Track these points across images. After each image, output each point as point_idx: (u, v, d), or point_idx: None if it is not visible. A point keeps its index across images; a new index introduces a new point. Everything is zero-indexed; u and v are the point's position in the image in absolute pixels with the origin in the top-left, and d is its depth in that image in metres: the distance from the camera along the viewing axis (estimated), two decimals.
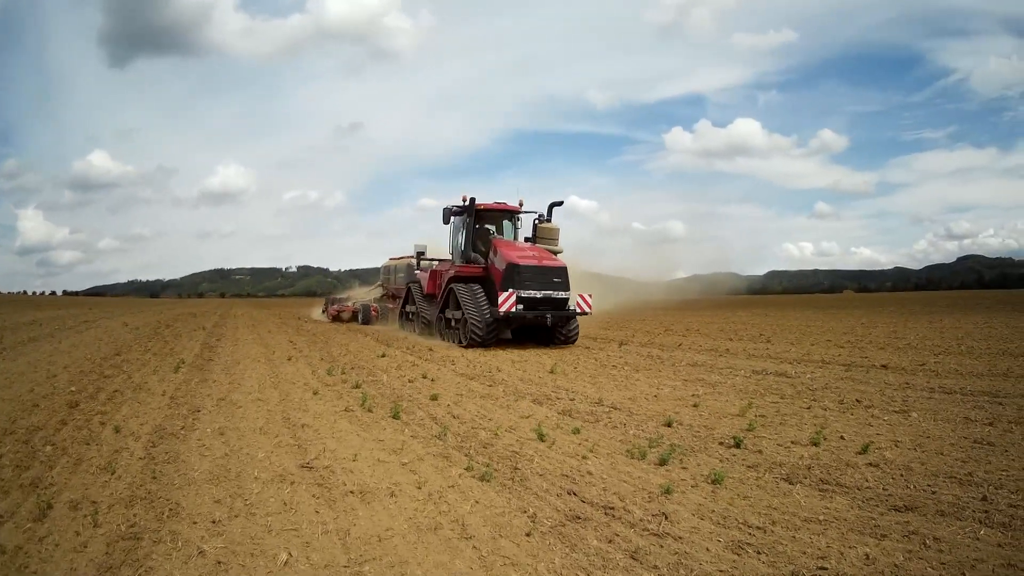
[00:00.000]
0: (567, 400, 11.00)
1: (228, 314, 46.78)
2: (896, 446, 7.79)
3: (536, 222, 24.34)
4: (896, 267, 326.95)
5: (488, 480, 6.50)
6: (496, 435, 8.44)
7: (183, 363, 15.59)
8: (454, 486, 6.34)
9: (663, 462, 7.09)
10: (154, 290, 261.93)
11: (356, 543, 4.94)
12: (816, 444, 7.84)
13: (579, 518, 5.45)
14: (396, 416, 9.53)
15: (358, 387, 12.14)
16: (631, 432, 8.67)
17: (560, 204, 24.98)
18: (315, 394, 11.48)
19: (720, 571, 4.56)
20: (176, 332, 27.04)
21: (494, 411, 10.19)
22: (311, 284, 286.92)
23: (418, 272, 26.62)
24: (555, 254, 22.87)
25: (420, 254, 26.50)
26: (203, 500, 5.91)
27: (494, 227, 24.28)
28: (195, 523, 5.33)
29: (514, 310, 19.88)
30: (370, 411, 9.99)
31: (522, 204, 24.17)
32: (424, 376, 13.78)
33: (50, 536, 5.12)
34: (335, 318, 36.16)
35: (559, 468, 6.95)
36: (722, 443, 8.00)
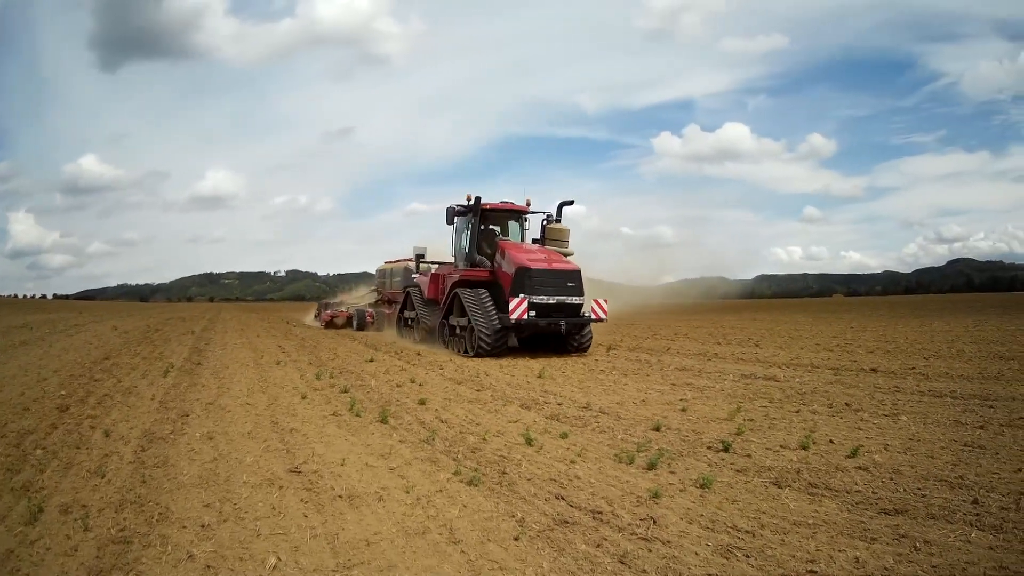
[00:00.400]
0: (555, 405, 11.00)
1: (217, 318, 46.65)
2: (886, 449, 7.77)
3: (544, 223, 22.76)
4: (886, 271, 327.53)
5: (476, 484, 6.49)
6: (484, 439, 8.44)
7: (172, 367, 15.61)
8: (442, 490, 6.34)
9: (651, 466, 7.08)
10: (144, 294, 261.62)
11: (344, 547, 4.95)
12: (805, 448, 7.83)
13: (567, 522, 5.46)
14: (384, 420, 9.53)
15: (346, 392, 12.14)
16: (619, 437, 8.67)
17: (571, 203, 23.74)
18: (303, 398, 11.48)
19: (709, 575, 4.57)
20: (165, 336, 27.04)
21: (482, 415, 10.18)
22: (300, 288, 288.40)
23: (417, 276, 25.44)
24: (566, 256, 21.35)
25: (419, 256, 25.05)
26: (192, 504, 5.90)
27: (499, 228, 22.55)
28: (184, 527, 5.34)
29: (526, 317, 18.41)
30: (358, 415, 9.98)
31: (529, 204, 22.60)
32: (412, 380, 13.77)
33: (41, 540, 5.13)
34: (328, 324, 34.52)
35: (547, 472, 6.94)
36: (710, 447, 7.99)
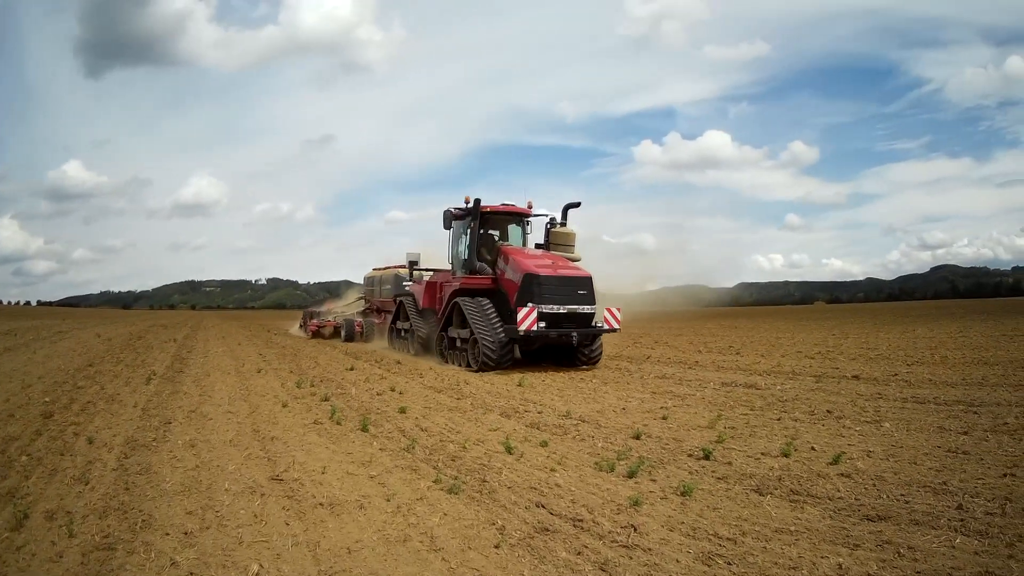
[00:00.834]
0: (535, 413, 11.00)
1: (199, 326, 46.93)
2: (868, 456, 7.77)
3: (548, 226, 21.18)
4: (868, 278, 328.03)
5: (456, 492, 6.49)
6: (464, 448, 8.45)
7: (154, 375, 15.68)
8: (423, 498, 6.34)
9: (632, 474, 7.08)
10: (126, 301, 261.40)
11: (326, 555, 4.95)
12: (787, 455, 7.83)
13: (548, 530, 5.46)
14: (365, 429, 9.54)
15: (327, 400, 12.15)
16: (599, 445, 8.68)
17: (577, 205, 21.71)
18: (284, 407, 11.50)
19: None
20: (148, 344, 27.17)
21: (462, 424, 10.19)
22: (281, 296, 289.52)
23: (410, 284, 24.47)
24: (573, 262, 19.85)
25: (413, 263, 23.78)
26: (175, 511, 5.91)
27: (498, 233, 21.04)
28: (167, 534, 5.34)
29: (535, 328, 16.86)
30: (339, 424, 10.01)
31: (531, 206, 21.04)
32: (392, 389, 13.79)
33: (27, 546, 5.14)
34: (315, 334, 33.23)
35: (527, 481, 6.95)
36: (691, 455, 7.99)
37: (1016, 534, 5.17)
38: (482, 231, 20.30)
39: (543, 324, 17.01)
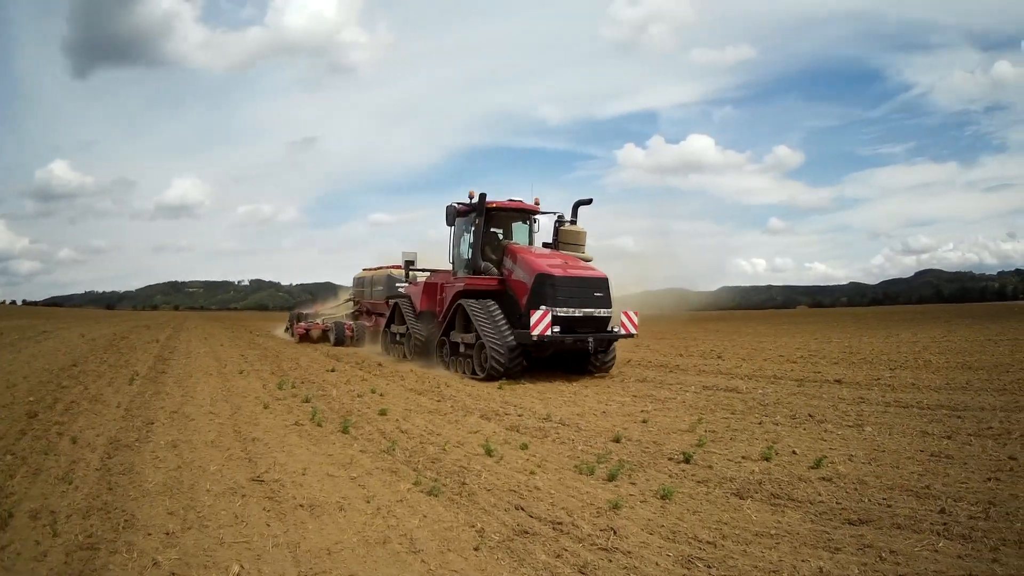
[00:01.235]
0: (515, 416, 11.03)
1: (181, 327, 46.71)
2: (850, 460, 7.78)
3: (557, 224, 19.70)
4: (852, 282, 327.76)
5: (436, 495, 6.51)
6: (444, 450, 8.46)
7: (137, 375, 15.66)
8: (402, 500, 6.35)
9: (611, 478, 7.10)
10: (110, 302, 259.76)
11: (306, 556, 4.96)
12: (768, 459, 7.84)
13: (527, 533, 5.47)
14: (345, 431, 9.55)
15: (308, 401, 12.16)
16: (579, 448, 8.70)
17: (588, 202, 20.39)
18: (266, 408, 11.51)
19: None
20: (131, 344, 27.03)
21: (442, 426, 10.21)
22: (263, 298, 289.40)
23: (404, 285, 23.19)
24: (585, 262, 18.50)
25: (410, 263, 22.45)
26: (157, 512, 5.91)
27: (501, 231, 19.59)
28: (150, 534, 5.35)
29: (549, 333, 15.62)
30: (320, 425, 10.01)
31: (538, 203, 19.75)
32: (373, 391, 13.79)
33: (12, 545, 5.15)
34: (303, 337, 30.60)
35: (507, 483, 6.96)
36: (671, 459, 8.00)
37: (1000, 538, 5.18)
38: (486, 229, 18.80)
39: (557, 328, 15.79)
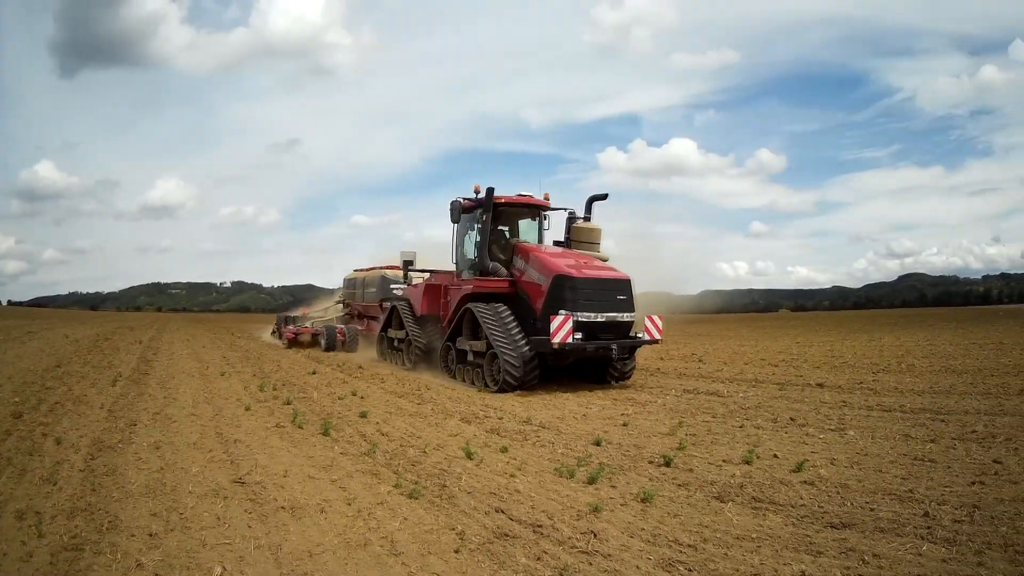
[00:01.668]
0: (495, 419, 11.04)
1: (164, 329, 46.46)
2: (832, 464, 7.79)
3: (570, 221, 18.37)
4: (834, 286, 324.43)
5: (417, 497, 6.51)
6: (425, 453, 8.46)
7: (120, 376, 15.67)
8: (383, 503, 6.36)
9: (592, 481, 7.09)
10: (94, 303, 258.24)
11: (287, 558, 4.97)
12: (749, 462, 7.84)
13: (507, 535, 5.48)
14: (326, 433, 9.55)
15: (289, 403, 12.15)
16: (559, 451, 8.71)
17: (604, 197, 18.80)
18: (247, 410, 11.51)
19: None
20: (114, 345, 27.02)
21: (423, 429, 10.20)
22: (245, 300, 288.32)
23: (400, 287, 22.37)
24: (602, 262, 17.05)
25: (408, 263, 21.25)
26: (140, 513, 5.93)
27: (507, 228, 18.14)
28: (133, 536, 5.36)
29: (570, 340, 14.17)
30: (301, 427, 10.01)
31: (548, 198, 18.15)
32: (354, 393, 13.78)
33: None
34: (292, 342, 28.25)
35: (487, 486, 6.96)
36: (652, 462, 8.00)
37: (985, 541, 5.18)
38: (493, 226, 17.18)
39: (579, 335, 14.39)
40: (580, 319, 14.43)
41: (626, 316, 15.26)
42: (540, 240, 18.13)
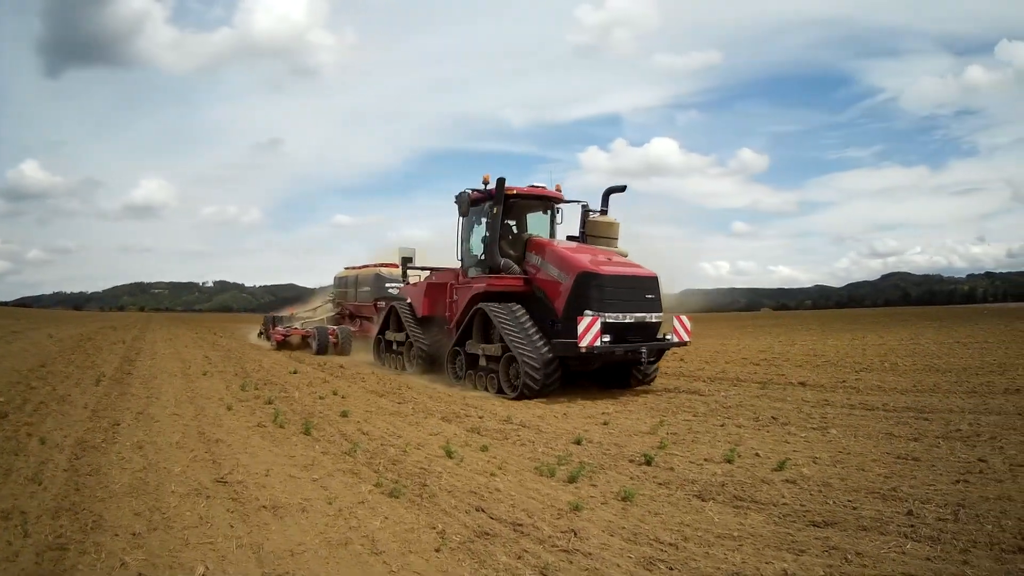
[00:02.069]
0: (476, 418, 11.05)
1: (147, 328, 46.41)
2: (814, 462, 7.80)
3: (585, 214, 17.08)
4: (817, 285, 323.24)
5: (397, 496, 6.52)
6: (405, 452, 8.48)
7: (104, 376, 15.63)
8: (364, 502, 6.37)
9: (572, 479, 7.11)
10: (78, 302, 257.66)
11: (269, 557, 4.98)
12: (730, 461, 7.86)
13: (488, 534, 5.49)
14: (307, 432, 9.56)
15: (270, 403, 12.15)
16: (540, 450, 8.73)
17: (622, 189, 17.50)
18: (229, 409, 11.52)
19: None
20: (97, 345, 26.95)
21: (403, 428, 10.22)
22: (227, 300, 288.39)
23: (395, 286, 22.41)
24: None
25: (407, 260, 19.50)
26: (124, 513, 5.94)
27: (515, 222, 16.78)
28: (117, 535, 5.37)
29: (599, 343, 13.03)
30: (282, 427, 10.01)
31: (559, 190, 16.98)
32: (335, 393, 13.77)
33: None
34: (281, 344, 26.76)
35: (468, 485, 6.97)
36: (632, 461, 8.02)
37: (971, 540, 5.18)
38: (504, 220, 16.00)
39: (607, 338, 13.27)
40: (608, 320, 13.43)
41: (654, 317, 14.42)
42: (552, 235, 16.93)
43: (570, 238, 17.02)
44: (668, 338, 14.79)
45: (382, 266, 26.19)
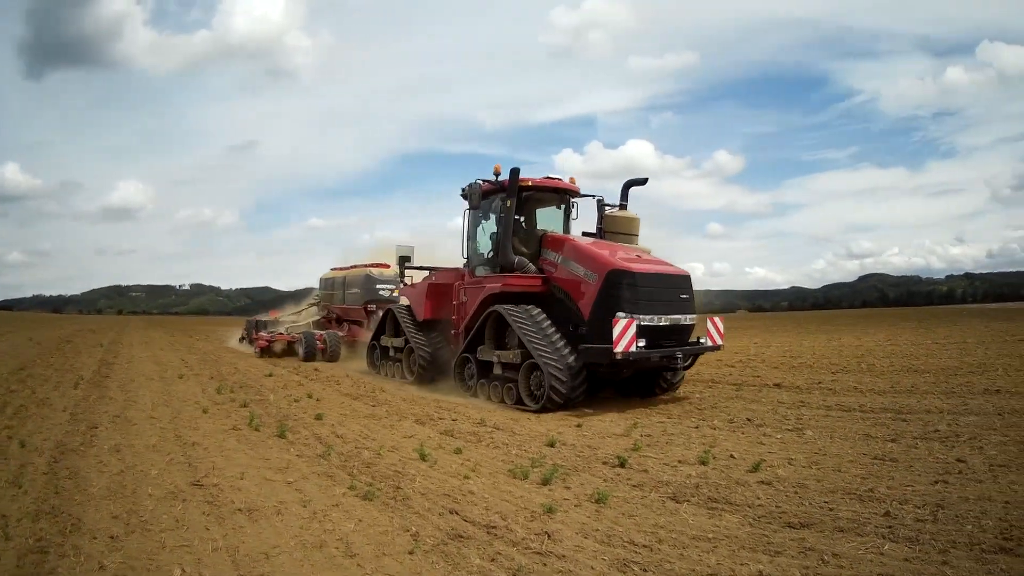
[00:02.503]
0: (449, 420, 11.06)
1: (124, 331, 46.68)
2: (789, 464, 7.81)
3: (600, 209, 15.63)
4: (793, 286, 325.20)
5: (371, 499, 6.56)
6: (379, 455, 8.49)
7: (82, 379, 15.71)
8: (338, 505, 6.40)
9: (546, 482, 7.14)
10: (57, 305, 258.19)
11: (245, 560, 5.01)
12: (704, 463, 7.86)
13: (461, 536, 5.51)
14: (282, 435, 9.59)
15: (245, 406, 12.20)
16: (513, 452, 8.75)
17: (643, 182, 16.18)
18: (205, 412, 11.55)
19: None
20: (76, 348, 27.15)
21: (377, 431, 10.24)
22: (203, 303, 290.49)
23: (387, 287, 22.06)
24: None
25: (405, 259, 18.17)
26: (102, 515, 5.97)
27: (523, 217, 15.22)
28: (95, 538, 5.40)
29: (634, 349, 11.63)
30: (257, 430, 10.05)
31: (573, 182, 15.56)
32: (309, 396, 13.79)
33: None
34: (265, 350, 24.35)
35: (441, 487, 6.99)
36: (606, 463, 8.03)
37: (950, 540, 5.19)
38: (516, 214, 14.66)
39: (642, 343, 11.89)
40: (643, 323, 12.08)
41: (689, 319, 13.22)
42: (566, 231, 15.51)
43: (585, 234, 15.49)
44: (702, 342, 13.59)
45: (372, 266, 25.05)
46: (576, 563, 4.97)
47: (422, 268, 18.32)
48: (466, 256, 15.69)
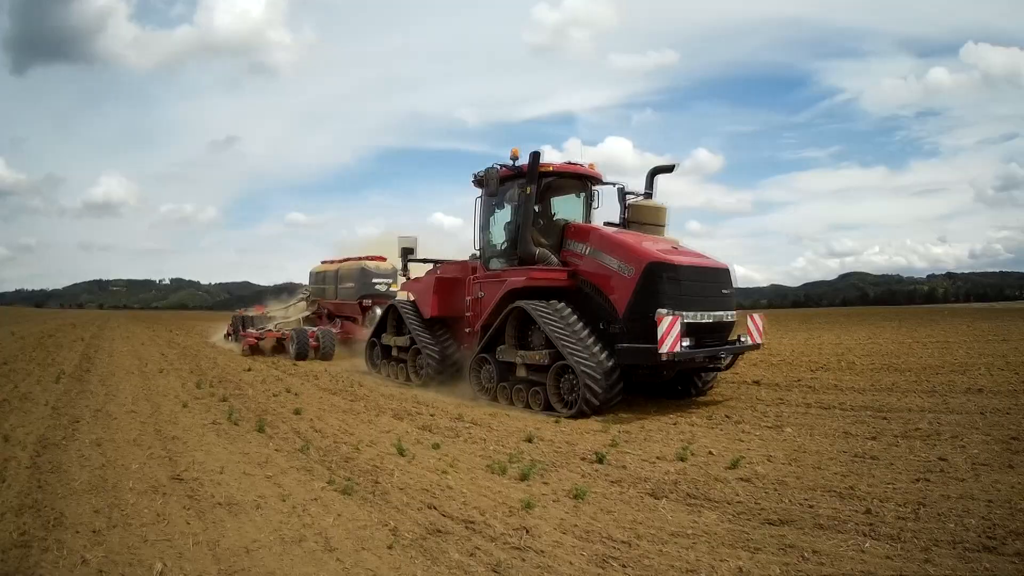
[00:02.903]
0: (427, 415, 11.05)
1: (105, 326, 46.73)
2: (769, 461, 7.80)
3: (627, 198, 14.09)
4: (772, 284, 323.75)
5: (350, 494, 6.57)
6: (358, 449, 8.51)
7: (64, 374, 15.73)
8: (317, 499, 6.41)
9: (524, 477, 7.14)
10: (39, 299, 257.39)
11: (225, 554, 5.03)
12: (683, 459, 7.84)
13: (440, 531, 5.52)
14: (261, 430, 9.61)
15: (225, 400, 12.24)
16: (491, 447, 8.77)
17: (670, 169, 14.88)
18: (185, 407, 11.57)
19: None
20: (58, 343, 27.21)
21: (356, 426, 10.26)
22: (183, 297, 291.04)
23: (383, 281, 21.57)
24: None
25: (408, 251, 17.11)
26: (84, 510, 5.99)
27: (538, 206, 13.44)
28: (78, 532, 5.42)
29: (679, 348, 10.64)
30: (236, 424, 10.09)
31: (593, 168, 14.20)
32: (288, 390, 13.84)
33: None
34: (253, 349, 22.62)
35: (419, 482, 7.00)
36: (584, 459, 8.03)
37: (932, 538, 5.18)
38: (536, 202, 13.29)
39: (687, 343, 10.83)
40: (688, 321, 11.05)
41: (730, 316, 12.29)
42: (588, 221, 14.16)
43: (607, 224, 14.04)
44: (743, 340, 12.58)
45: (367, 259, 23.89)
46: (555, 558, 4.99)
47: (427, 260, 17.05)
48: (478, 248, 14.48)
